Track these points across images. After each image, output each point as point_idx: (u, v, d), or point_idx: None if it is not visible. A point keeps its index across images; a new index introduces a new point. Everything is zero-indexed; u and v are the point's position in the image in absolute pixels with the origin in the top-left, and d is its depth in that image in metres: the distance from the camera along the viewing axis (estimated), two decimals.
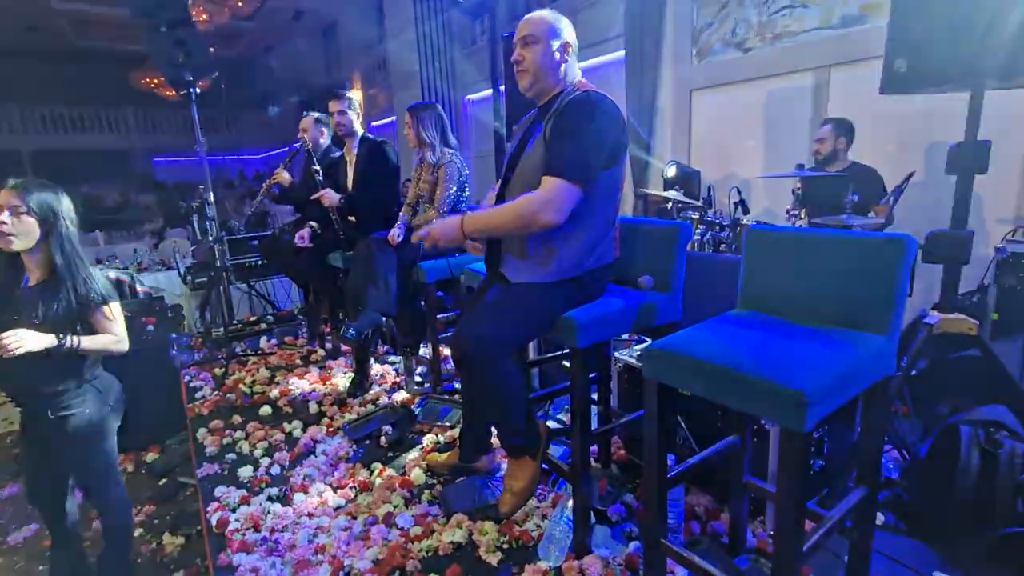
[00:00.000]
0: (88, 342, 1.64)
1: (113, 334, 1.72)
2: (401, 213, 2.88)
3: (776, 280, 1.41)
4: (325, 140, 3.36)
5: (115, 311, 1.73)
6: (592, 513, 1.72)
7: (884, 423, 1.28)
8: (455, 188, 2.66)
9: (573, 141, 1.46)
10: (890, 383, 1.25)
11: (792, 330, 1.27)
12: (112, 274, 4.41)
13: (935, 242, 1.79)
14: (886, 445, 2.08)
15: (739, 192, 3.20)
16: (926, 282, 2.62)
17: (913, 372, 1.93)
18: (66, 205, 1.71)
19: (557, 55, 1.58)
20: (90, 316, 1.68)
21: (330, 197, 2.91)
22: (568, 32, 1.61)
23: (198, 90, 3.72)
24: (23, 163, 13.73)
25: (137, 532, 2.30)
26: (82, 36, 11.97)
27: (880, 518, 1.75)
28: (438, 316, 2.74)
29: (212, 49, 3.65)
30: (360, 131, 3.04)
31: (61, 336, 1.58)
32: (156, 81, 11.12)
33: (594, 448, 2.08)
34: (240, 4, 8.93)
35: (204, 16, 8.23)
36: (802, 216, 2.84)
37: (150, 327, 3.37)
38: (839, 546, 1.56)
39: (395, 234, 2.68)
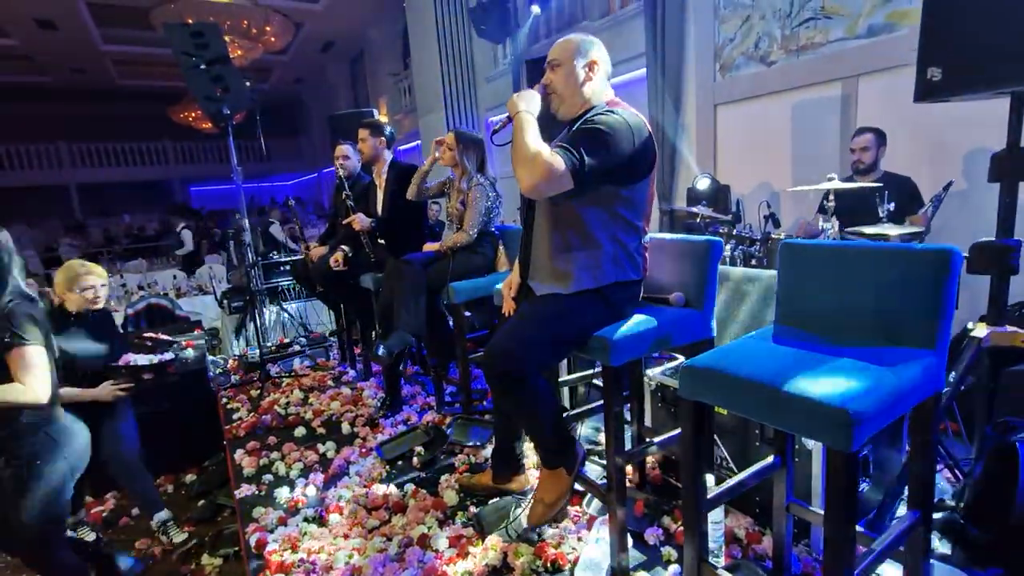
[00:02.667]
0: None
1: (20, 383, 1.58)
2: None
3: (814, 295, 1.38)
4: (358, 166, 3.46)
5: (29, 357, 1.59)
6: (629, 536, 1.69)
7: (935, 442, 1.23)
8: (483, 212, 2.70)
9: (582, 138, 1.48)
10: (940, 400, 1.20)
11: (833, 346, 1.24)
12: (154, 301, 4.59)
13: (981, 252, 1.73)
14: (937, 465, 1.99)
15: (769, 206, 3.16)
16: (970, 293, 2.52)
17: (961, 388, 1.85)
18: (3, 237, 1.68)
19: (581, 75, 1.60)
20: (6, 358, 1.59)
21: (362, 221, 2.99)
22: (595, 52, 1.62)
23: (235, 123, 3.88)
24: (71, 196, 14.51)
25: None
26: (125, 76, 12.69)
27: (937, 543, 1.67)
28: (468, 336, 2.76)
29: (248, 84, 3.80)
30: (389, 156, 3.12)
31: None
32: (194, 115, 11.65)
33: (629, 469, 2.04)
34: (274, 40, 9.34)
35: (240, 52, 8.62)
36: (833, 228, 2.78)
37: (189, 351, 3.48)
38: (892, 572, 1.49)
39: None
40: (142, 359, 2.52)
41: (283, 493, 2.27)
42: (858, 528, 1.30)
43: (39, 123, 13.80)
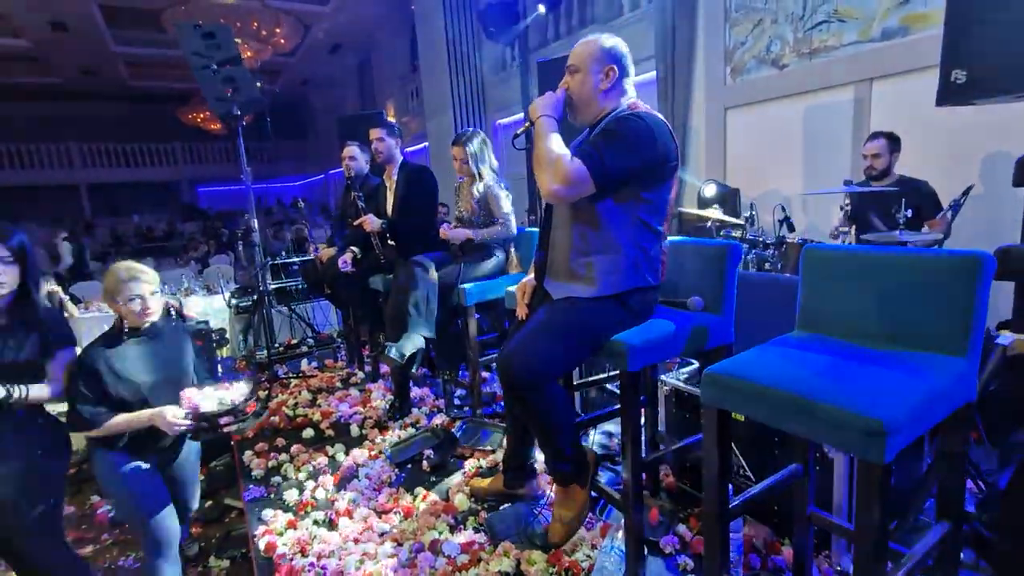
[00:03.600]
0: (36, 391, 1.59)
1: (57, 381, 1.64)
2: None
3: (837, 301, 1.35)
4: (365, 167, 3.45)
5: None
6: (644, 544, 1.66)
7: (964, 452, 1.20)
8: (511, 206, 2.69)
9: (604, 142, 1.46)
10: (972, 409, 1.17)
11: (860, 353, 1.21)
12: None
13: (1007, 257, 1.69)
14: None
15: (784, 210, 3.12)
16: (992, 299, 2.48)
17: (984, 396, 1.81)
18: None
19: (600, 80, 1.58)
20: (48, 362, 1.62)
21: (372, 223, 2.98)
22: (614, 55, 1.59)
23: (244, 124, 3.88)
24: (81, 196, 14.62)
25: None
26: (136, 77, 12.78)
27: (961, 555, 1.63)
28: (478, 339, 2.74)
29: (258, 85, 3.80)
30: (399, 157, 3.11)
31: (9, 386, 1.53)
32: (203, 116, 11.72)
33: (643, 475, 2.01)
34: (283, 42, 9.38)
35: (250, 53, 8.65)
36: (851, 233, 2.75)
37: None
38: None
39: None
40: (207, 400, 1.78)
41: (292, 495, 2.25)
42: None
43: (51, 124, 13.93)
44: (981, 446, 2.07)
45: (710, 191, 3.93)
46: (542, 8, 5.49)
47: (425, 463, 2.39)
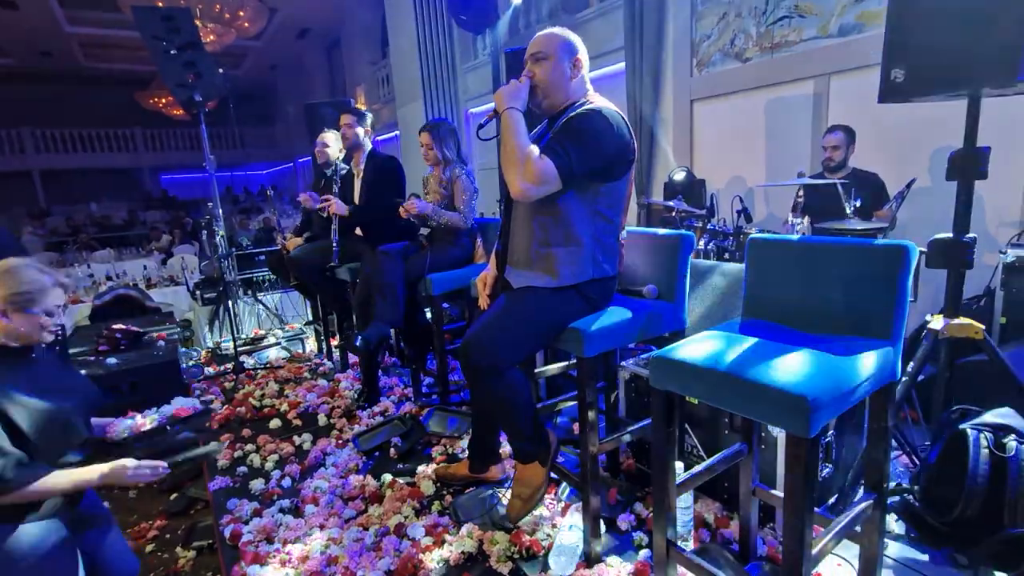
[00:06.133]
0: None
1: None
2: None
3: (779, 288, 1.43)
4: (337, 155, 3.41)
5: None
6: (602, 522, 1.73)
7: (889, 428, 1.29)
8: (474, 199, 2.72)
9: (570, 141, 1.50)
10: (895, 388, 1.26)
11: (796, 337, 1.29)
12: (123, 292, 4.41)
13: (937, 248, 1.80)
14: (896, 451, 2.08)
15: (741, 201, 3.22)
16: (932, 287, 2.63)
17: (921, 377, 1.93)
18: None
19: (567, 70, 1.61)
20: None
21: (338, 206, 2.95)
22: (578, 48, 1.64)
23: (207, 110, 3.79)
24: (34, 183, 13.97)
25: (149, 548, 2.31)
26: (93, 59, 12.24)
27: (893, 525, 1.75)
28: (445, 328, 2.77)
29: (221, 70, 3.71)
30: (368, 146, 3.09)
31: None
32: (164, 100, 11.32)
33: (602, 457, 2.09)
34: (247, 25, 9.10)
35: (212, 37, 8.38)
36: (804, 224, 2.86)
37: (161, 343, 3.42)
38: (850, 553, 1.56)
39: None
40: (146, 420, 1.52)
41: (258, 485, 2.26)
42: (818, 511, 1.36)
43: (1, 107, 13.23)
44: (918, 425, 2.21)
45: (679, 176, 4.03)
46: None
47: (392, 451, 2.42)
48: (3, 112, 13.17)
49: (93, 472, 1.32)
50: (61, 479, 1.25)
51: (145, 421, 1.49)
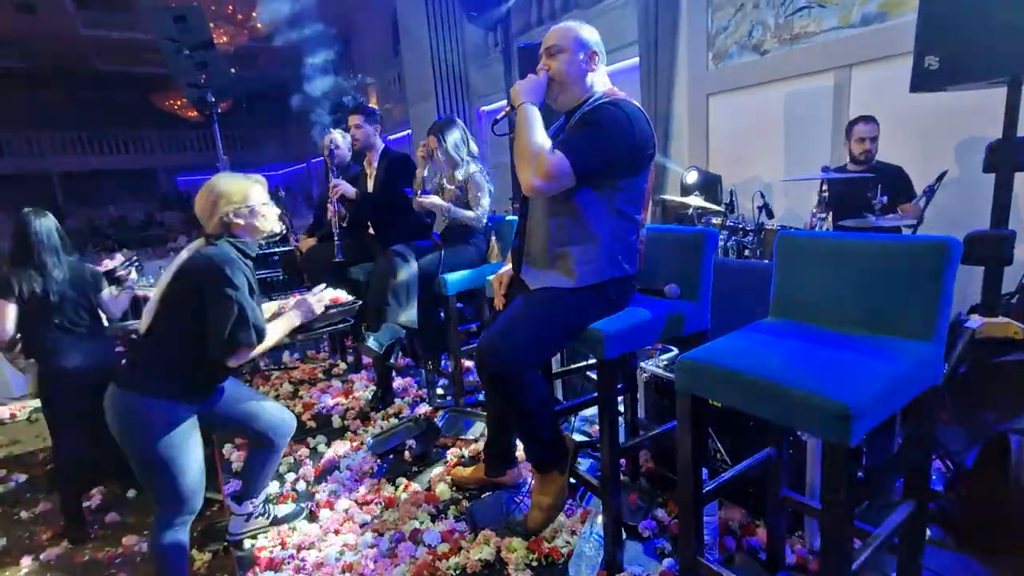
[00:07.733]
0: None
1: None
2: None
3: (810, 287, 1.37)
4: (347, 155, 3.38)
5: None
6: (623, 529, 1.68)
7: (931, 434, 1.22)
8: (488, 197, 2.66)
9: (584, 134, 1.46)
10: (938, 391, 1.19)
11: (831, 338, 1.23)
12: (140, 293, 4.45)
13: (975, 243, 1.72)
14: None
15: (763, 196, 3.14)
16: (960, 283, 2.53)
17: (953, 378, 1.86)
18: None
19: (583, 64, 1.56)
20: None
21: (346, 189, 2.87)
22: (594, 41, 1.59)
23: (220, 110, 3.79)
24: (53, 185, 14.21)
25: None
26: (108, 61, 12.39)
27: (927, 532, 1.67)
28: (459, 328, 2.73)
29: (233, 71, 3.71)
30: (380, 145, 3.06)
31: None
32: (179, 102, 11.43)
33: (622, 461, 2.03)
34: (259, 26, 9.14)
35: (224, 39, 8.43)
36: (828, 220, 2.77)
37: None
38: (886, 562, 1.49)
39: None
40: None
41: (273, 488, 2.23)
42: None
43: (19, 110, 13.45)
44: (951, 427, 2.13)
45: (692, 178, 3.94)
46: None
47: (407, 453, 2.39)
48: (23, 115, 13.40)
49: (292, 317, 1.76)
50: (277, 328, 1.70)
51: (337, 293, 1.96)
